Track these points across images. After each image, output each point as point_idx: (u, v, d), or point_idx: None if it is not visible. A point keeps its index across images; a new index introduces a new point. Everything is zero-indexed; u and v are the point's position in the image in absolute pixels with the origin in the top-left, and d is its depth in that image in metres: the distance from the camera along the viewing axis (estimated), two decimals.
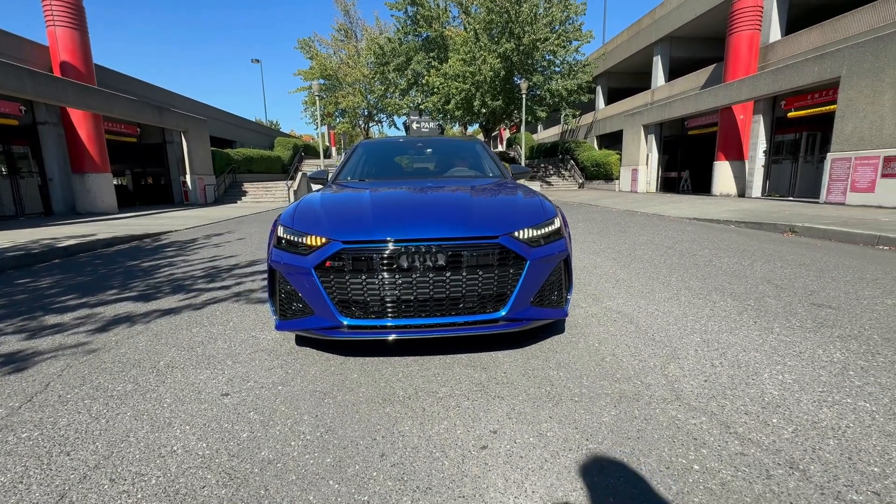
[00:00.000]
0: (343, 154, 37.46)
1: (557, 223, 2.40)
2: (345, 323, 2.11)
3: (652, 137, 19.39)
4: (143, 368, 2.26)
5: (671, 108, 16.76)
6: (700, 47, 20.32)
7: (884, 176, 9.04)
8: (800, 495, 1.27)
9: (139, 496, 1.33)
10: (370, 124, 35.57)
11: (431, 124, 26.19)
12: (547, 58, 20.99)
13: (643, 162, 19.67)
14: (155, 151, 18.56)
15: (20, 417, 1.80)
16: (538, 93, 22.81)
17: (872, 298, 3.19)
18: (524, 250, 2.16)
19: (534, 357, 2.28)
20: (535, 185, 23.80)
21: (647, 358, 2.25)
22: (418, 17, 22.10)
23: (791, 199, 13.10)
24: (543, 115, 22.93)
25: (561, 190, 23.86)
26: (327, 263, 2.10)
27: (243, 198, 19.85)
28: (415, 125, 26.20)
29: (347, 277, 2.08)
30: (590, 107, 28.52)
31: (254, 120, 35.47)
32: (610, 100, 28.40)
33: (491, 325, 2.15)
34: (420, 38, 23.95)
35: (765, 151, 14.46)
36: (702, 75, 17.61)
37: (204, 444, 1.58)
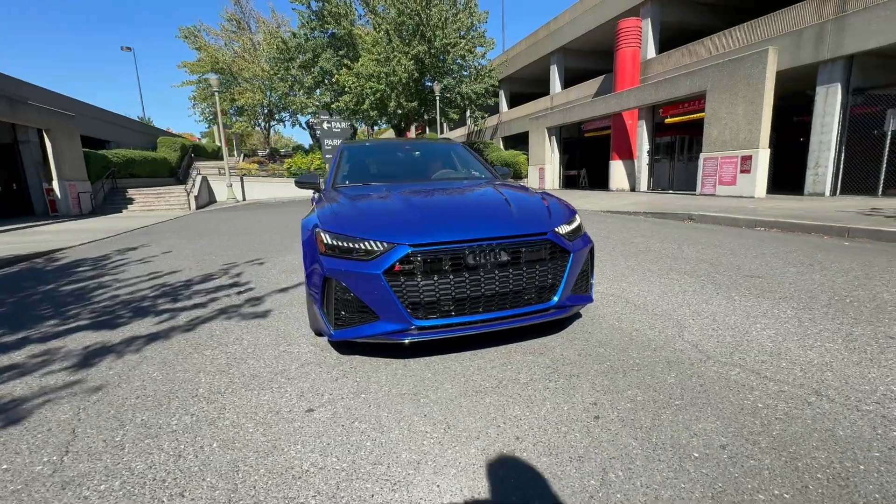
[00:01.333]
0: (236, 154, 34.40)
1: (579, 219, 2.70)
2: (415, 325, 2.15)
3: (554, 139, 21.27)
4: (184, 399, 2.03)
5: (571, 112, 18.59)
6: (591, 59, 22.81)
7: (741, 172, 11.22)
8: (836, 412, 1.70)
9: None
10: (271, 123, 33.25)
11: (343, 124, 25.49)
12: (457, 62, 21.76)
13: (548, 161, 21.46)
14: (4, 153, 15.20)
15: (76, 470, 1.54)
16: (448, 95, 23.56)
17: (781, 268, 4.08)
18: (566, 244, 2.41)
19: (575, 339, 2.55)
20: None
21: (662, 329, 2.66)
22: (324, 13, 21.31)
23: (671, 192, 15.48)
24: (456, 116, 23.75)
25: None
26: (396, 267, 2.12)
27: (130, 206, 17.23)
28: (325, 125, 25.24)
29: (419, 279, 2.12)
30: (494, 109, 30.21)
31: (125, 116, 30.71)
32: (512, 103, 30.37)
33: (544, 313, 2.37)
34: (326, 35, 23.10)
35: (648, 152, 16.84)
36: (594, 84, 19.83)
37: (334, 459, 1.54)
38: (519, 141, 29.52)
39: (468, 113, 24.92)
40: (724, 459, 1.46)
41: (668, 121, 15.70)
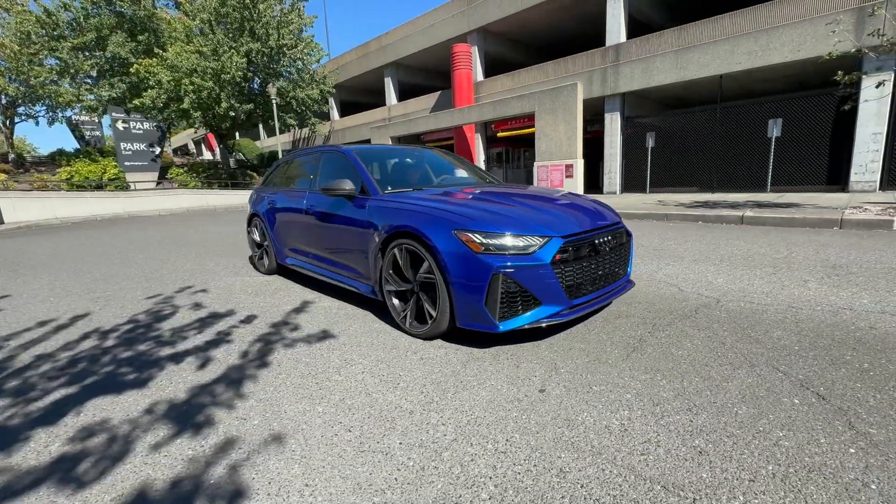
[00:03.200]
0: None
1: None
2: (572, 304, 2.51)
3: None
4: (405, 416, 1.91)
5: (416, 123, 19.89)
6: (425, 75, 24.72)
7: (567, 177, 14.27)
8: (818, 314, 2.87)
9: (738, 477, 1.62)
10: (15, 119, 24.58)
11: (147, 125, 20.94)
12: (295, 65, 20.55)
13: None
14: None
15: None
16: (276, 100, 22.01)
17: (662, 243, 5.74)
18: (629, 230, 3.12)
19: (635, 303, 3.28)
20: None
21: (668, 288, 3.63)
22: None
23: None
24: (293, 122, 22.35)
25: None
26: (557, 257, 2.44)
27: None
28: (121, 125, 20.27)
29: (573, 265, 2.50)
30: (326, 116, 29.51)
31: None
32: (343, 111, 30.26)
33: (625, 285, 3.02)
34: (113, 12, 18.58)
35: (484, 161, 19.46)
36: (431, 98, 21.64)
37: (625, 413, 1.85)
38: None
39: (293, 119, 23.58)
40: (807, 346, 2.38)
41: (500, 134, 18.51)
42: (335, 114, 29.54)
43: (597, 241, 2.65)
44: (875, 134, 10.05)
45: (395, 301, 2.97)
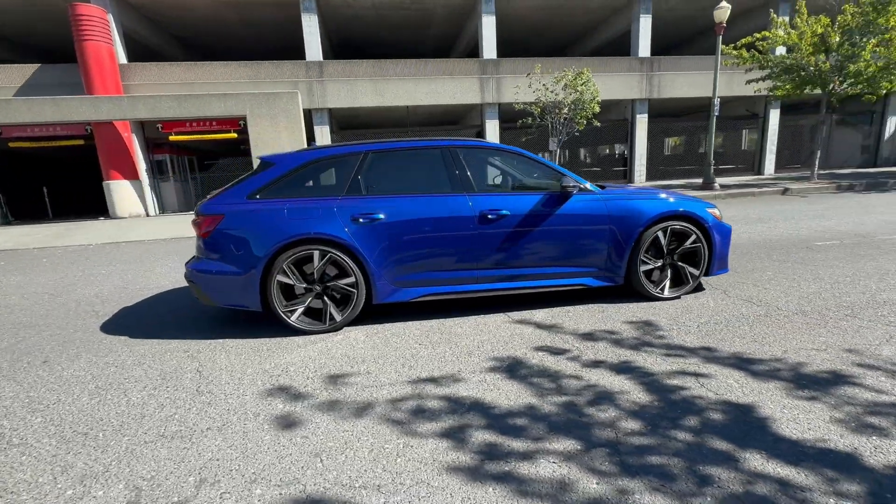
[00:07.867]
0: None
1: None
2: None
3: None
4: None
5: (13, 108, 12.33)
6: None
7: None
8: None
9: None
10: None
11: None
12: None
13: None
14: None
15: None
16: None
17: None
18: None
19: None
20: None
21: None
22: None
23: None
24: None
25: None
26: None
27: None
28: None
29: None
30: None
31: None
32: None
33: None
34: None
35: (147, 170, 14.87)
36: (18, 72, 13.74)
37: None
38: None
39: None
40: (781, 247, 5.12)
41: (173, 138, 14.64)
42: None
43: None
44: None
45: (646, 279, 3.47)
